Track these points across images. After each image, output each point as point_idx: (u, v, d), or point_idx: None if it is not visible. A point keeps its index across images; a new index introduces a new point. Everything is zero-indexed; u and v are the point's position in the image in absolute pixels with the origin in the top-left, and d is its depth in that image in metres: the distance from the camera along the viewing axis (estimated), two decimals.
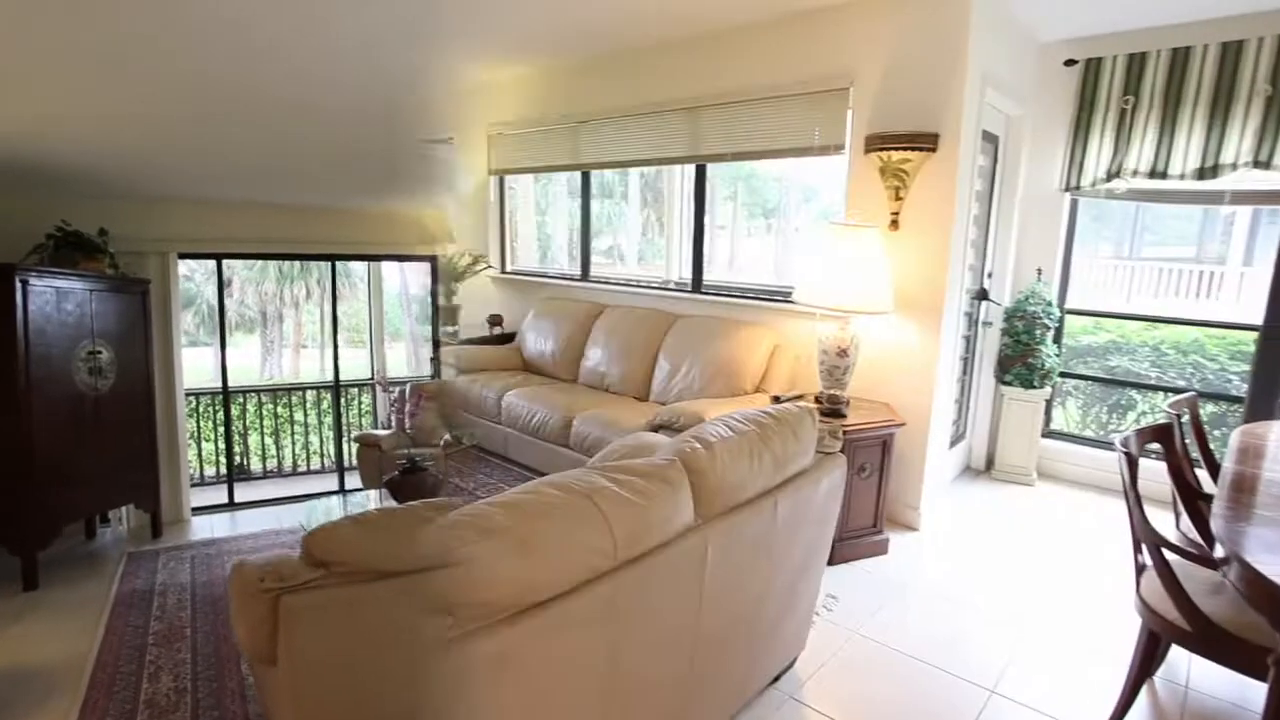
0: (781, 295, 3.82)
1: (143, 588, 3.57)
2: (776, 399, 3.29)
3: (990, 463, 4.11)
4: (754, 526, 1.72)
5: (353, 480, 5.84)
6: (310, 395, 7.25)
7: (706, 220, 4.13)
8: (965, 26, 2.93)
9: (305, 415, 7.12)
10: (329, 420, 7.08)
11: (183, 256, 5.06)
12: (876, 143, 3.14)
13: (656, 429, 3.13)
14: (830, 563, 2.91)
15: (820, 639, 2.45)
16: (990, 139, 3.62)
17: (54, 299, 3.72)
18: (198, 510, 5.29)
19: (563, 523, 1.25)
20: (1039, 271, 3.95)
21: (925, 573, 2.94)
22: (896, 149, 3.08)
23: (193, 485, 5.28)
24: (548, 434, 3.69)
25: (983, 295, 3.87)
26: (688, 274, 4.35)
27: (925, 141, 3.05)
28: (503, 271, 5.55)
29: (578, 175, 4.90)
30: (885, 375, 3.35)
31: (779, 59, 3.55)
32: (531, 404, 3.82)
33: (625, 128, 4.31)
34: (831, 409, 3.01)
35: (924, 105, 3.09)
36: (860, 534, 3.04)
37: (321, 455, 7.06)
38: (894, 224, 3.23)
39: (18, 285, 3.47)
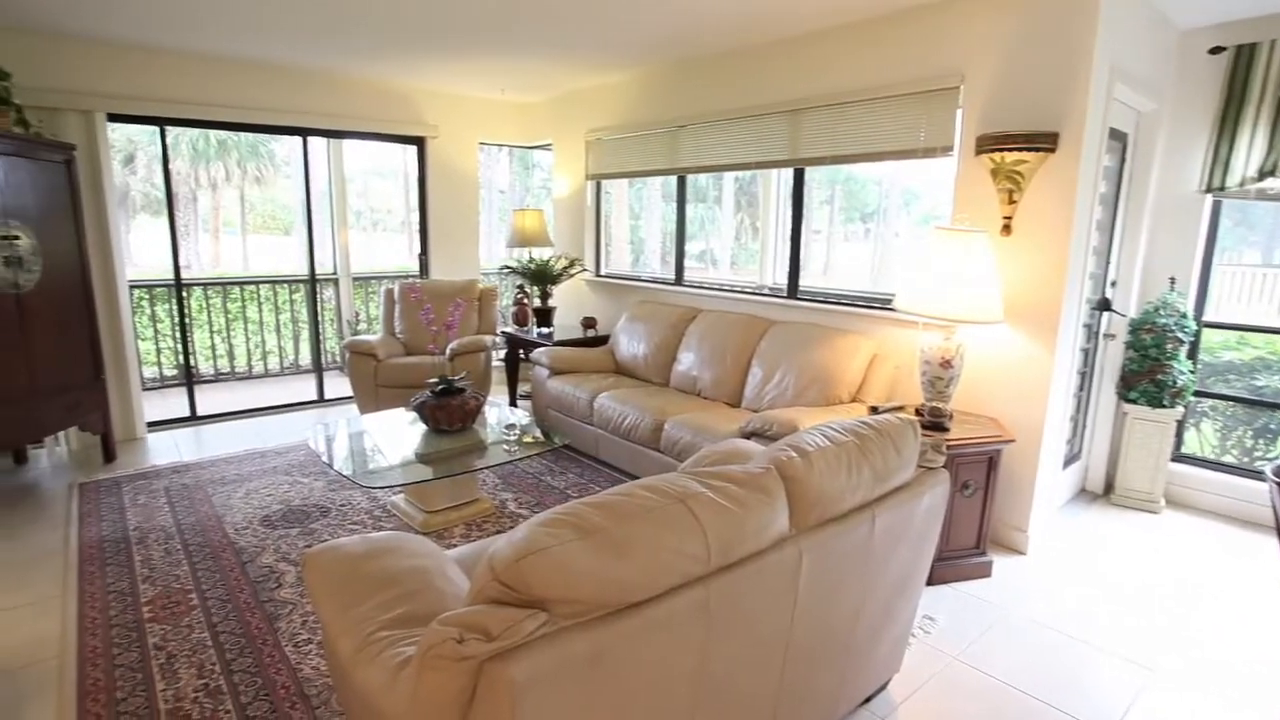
0: (880, 302, 3.70)
1: (112, 534, 2.97)
2: (874, 410, 3.18)
3: (1109, 486, 3.81)
4: (851, 540, 1.67)
5: (333, 386, 5.66)
6: (264, 289, 6.50)
7: (803, 225, 4.04)
8: (1093, 16, 2.74)
9: (260, 312, 6.41)
10: (284, 318, 6.51)
11: (113, 119, 4.27)
12: (989, 143, 2.98)
13: (748, 436, 3.09)
14: (929, 583, 2.79)
15: (916, 662, 2.35)
16: (1118, 137, 3.37)
17: None
18: (154, 425, 4.73)
19: (657, 526, 1.25)
20: (1172, 280, 3.63)
21: (1033, 600, 2.76)
22: (1011, 150, 2.91)
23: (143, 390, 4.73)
24: (638, 437, 3.72)
25: (1105, 306, 3.60)
26: (782, 279, 4.28)
27: (1043, 141, 2.87)
28: (597, 274, 5.65)
29: (672, 179, 4.92)
30: (993, 388, 3.18)
31: (884, 58, 3.44)
32: (623, 406, 3.86)
33: (724, 131, 4.29)
34: (933, 422, 2.88)
35: (1043, 103, 2.90)
36: (962, 555, 2.89)
37: (280, 356, 6.54)
38: (1006, 229, 3.06)
39: None
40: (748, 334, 3.94)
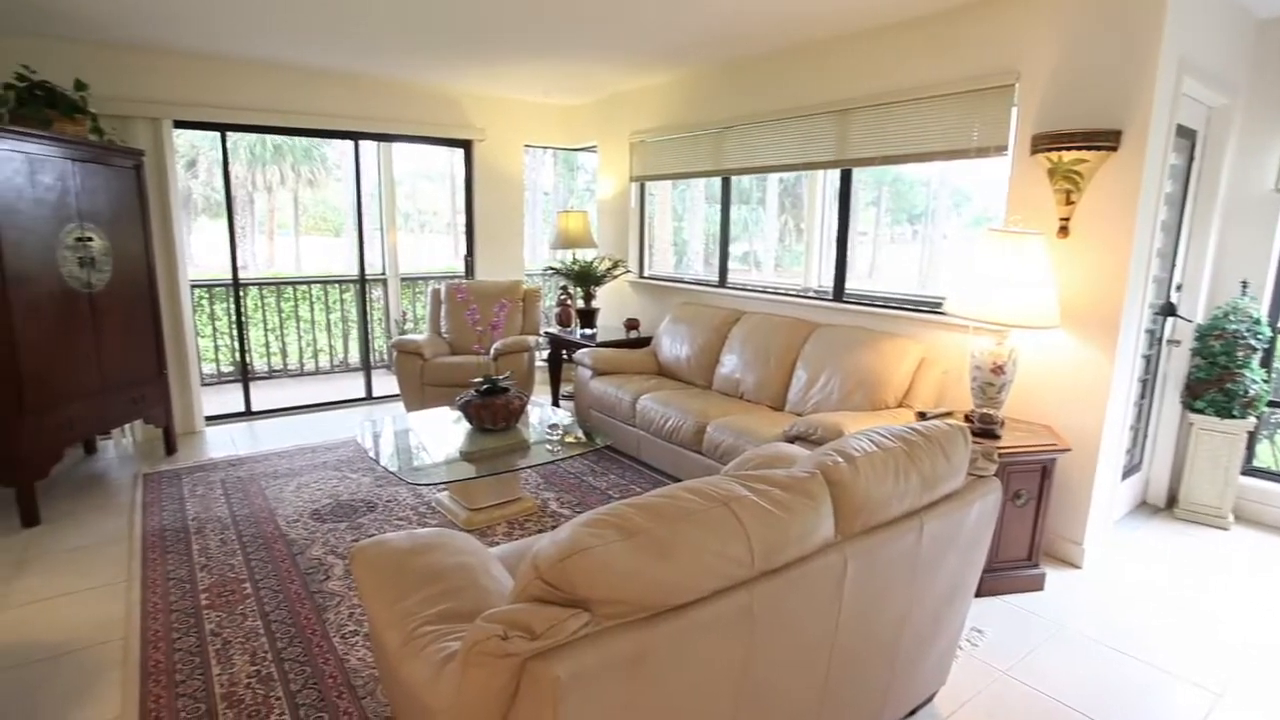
0: (929, 306, 3.61)
1: (172, 523, 3.17)
2: (922, 415, 3.11)
3: (1173, 499, 3.65)
4: (897, 548, 1.63)
5: (380, 384, 5.79)
6: (315, 289, 6.75)
7: (849, 226, 3.98)
8: (1161, 6, 2.62)
9: (312, 311, 6.63)
10: (334, 317, 6.72)
11: (179, 125, 4.48)
12: (1045, 142, 2.89)
13: (792, 440, 3.05)
14: (978, 594, 2.71)
15: (964, 675, 2.28)
16: (1186, 134, 3.22)
17: (25, 168, 2.94)
18: (212, 419, 4.96)
19: (700, 529, 1.24)
20: (1244, 284, 3.46)
21: (1089, 616, 2.66)
22: (1070, 149, 2.81)
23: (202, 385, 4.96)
24: (681, 439, 3.71)
25: (1169, 310, 3.45)
26: (828, 281, 4.22)
27: (1104, 140, 2.76)
28: (640, 276, 5.65)
29: (715, 181, 4.90)
30: (1047, 395, 3.07)
31: (936, 56, 3.36)
32: (665, 408, 3.85)
33: (770, 132, 4.25)
34: (984, 429, 2.80)
35: (1105, 100, 2.80)
36: (1013, 566, 2.80)
37: (330, 354, 6.75)
38: (1063, 230, 2.95)
39: None
40: (792, 337, 3.89)
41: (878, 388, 3.35)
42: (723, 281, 4.90)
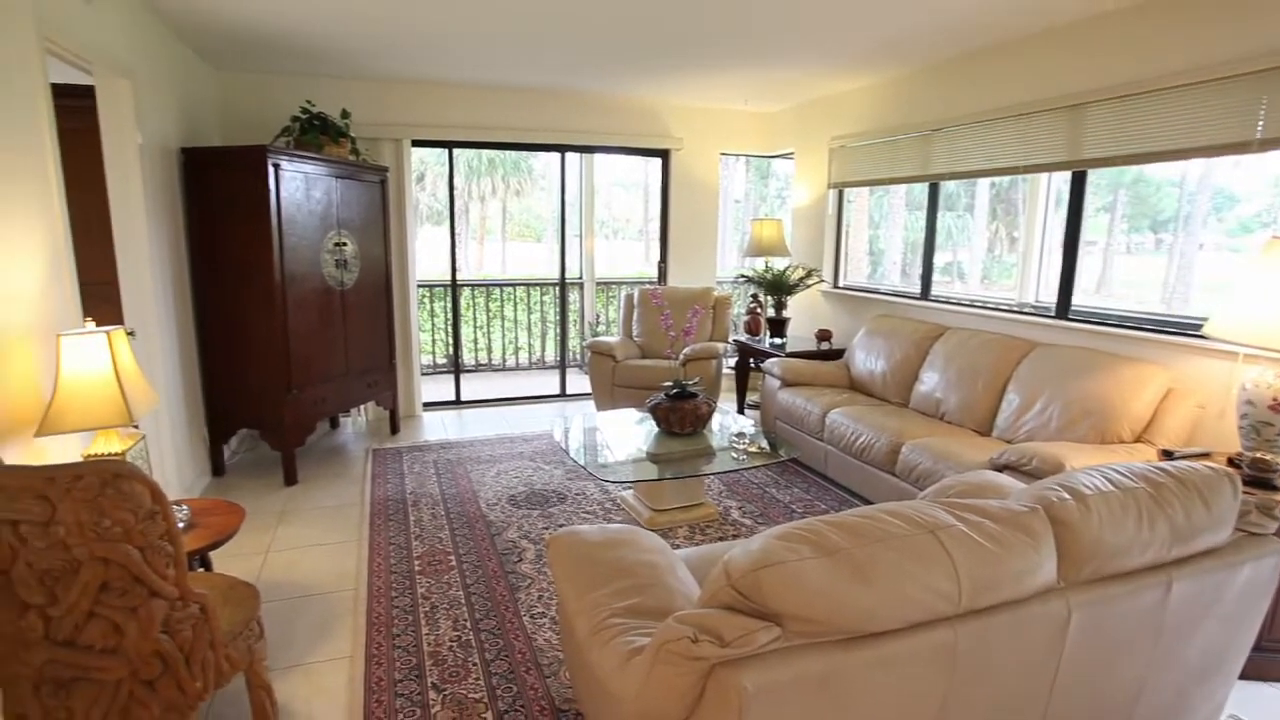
0: (1179, 327, 3.10)
1: (394, 495, 3.63)
2: (1169, 454, 2.68)
3: None
4: (1136, 604, 1.42)
5: (574, 383, 6.09)
6: (519, 291, 7.33)
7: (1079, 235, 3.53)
8: None
9: (515, 311, 7.23)
10: (535, 317, 7.26)
11: (415, 144, 5.04)
12: None
13: (1000, 468, 2.77)
14: (1242, 676, 2.27)
15: None
16: None
17: (303, 186, 3.42)
18: (428, 406, 5.52)
19: (902, 555, 1.17)
20: None
21: None
22: None
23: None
24: (872, 457, 3.52)
25: None
26: (1048, 296, 3.78)
27: None
28: (835, 286, 5.46)
29: (915, 187, 4.59)
30: None
31: (1201, 34, 2.87)
32: (857, 424, 3.68)
33: (984, 134, 3.91)
34: (1257, 476, 2.34)
35: None
36: None
37: (529, 351, 7.31)
38: None
39: (270, 169, 3.17)
40: (1004, 356, 3.53)
41: (1109, 418, 2.94)
42: (925, 293, 4.58)
